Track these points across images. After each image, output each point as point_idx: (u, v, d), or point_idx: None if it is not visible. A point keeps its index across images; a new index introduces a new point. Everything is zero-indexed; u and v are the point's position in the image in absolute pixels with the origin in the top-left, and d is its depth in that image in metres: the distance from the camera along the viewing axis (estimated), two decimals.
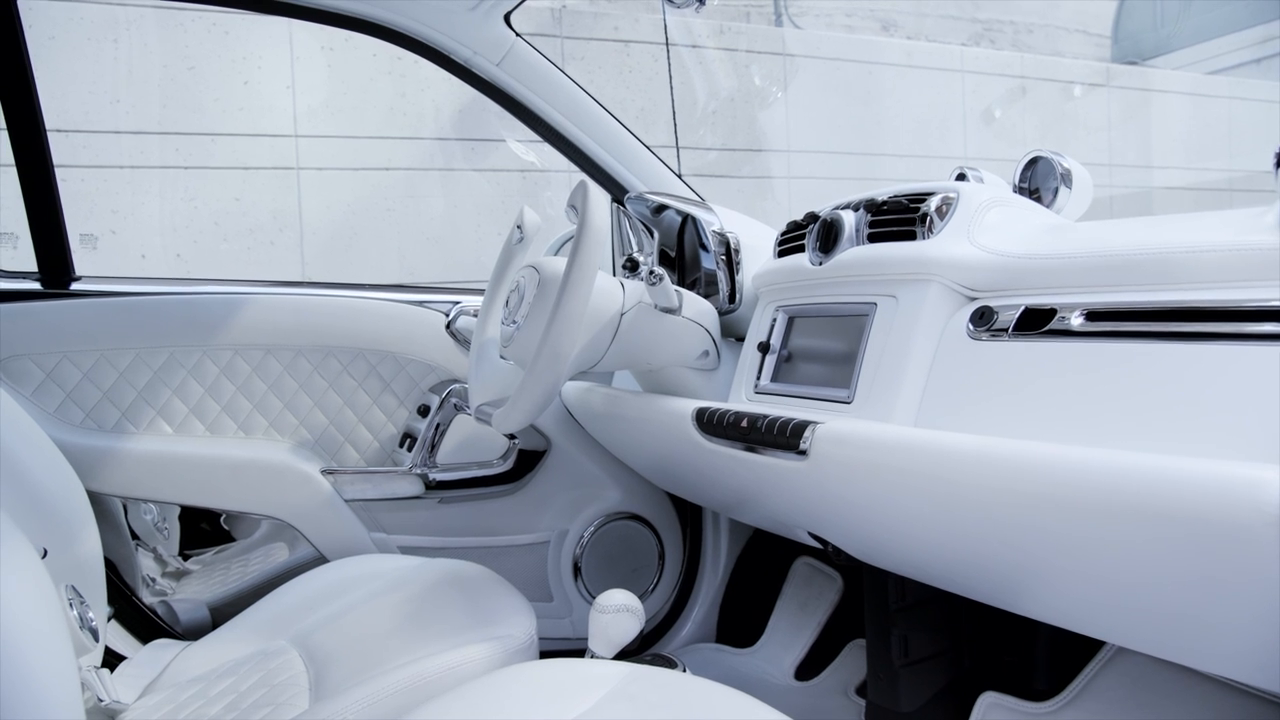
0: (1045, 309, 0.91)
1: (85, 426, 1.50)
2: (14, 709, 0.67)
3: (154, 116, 3.87)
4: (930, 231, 1.05)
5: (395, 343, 1.65)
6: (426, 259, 4.29)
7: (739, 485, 1.26)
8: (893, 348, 1.03)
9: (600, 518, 1.75)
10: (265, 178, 4.07)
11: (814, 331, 1.18)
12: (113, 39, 3.78)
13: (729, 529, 1.82)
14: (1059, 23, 6.39)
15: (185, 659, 1.26)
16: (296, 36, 4.06)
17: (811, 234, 1.19)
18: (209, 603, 1.63)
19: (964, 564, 0.97)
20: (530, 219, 1.35)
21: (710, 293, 1.40)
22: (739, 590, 1.83)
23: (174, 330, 1.54)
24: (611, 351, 1.25)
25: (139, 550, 1.69)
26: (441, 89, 4.29)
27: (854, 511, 1.03)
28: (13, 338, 1.46)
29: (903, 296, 1.04)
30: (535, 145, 4.40)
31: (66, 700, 0.75)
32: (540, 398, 1.12)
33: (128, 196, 3.80)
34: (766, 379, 1.22)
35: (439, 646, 1.06)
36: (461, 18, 1.50)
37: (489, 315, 1.38)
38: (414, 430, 1.67)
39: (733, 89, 4.98)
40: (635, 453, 1.56)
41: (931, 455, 0.85)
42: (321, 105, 4.13)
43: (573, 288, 1.08)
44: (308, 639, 1.17)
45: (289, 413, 1.61)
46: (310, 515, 1.58)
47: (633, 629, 1.07)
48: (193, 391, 1.56)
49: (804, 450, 1.00)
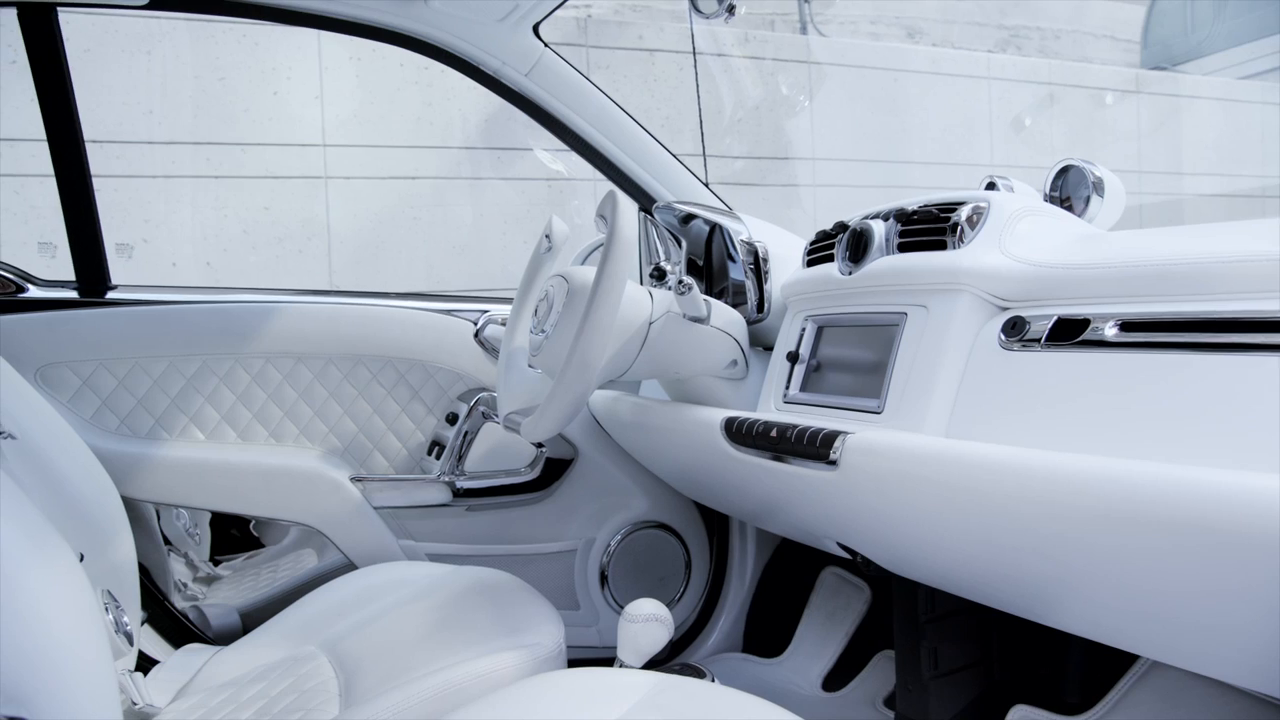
0: (1078, 319, 0.90)
1: (120, 433, 1.53)
2: (57, 710, 0.68)
3: (186, 127, 3.92)
4: (961, 241, 1.05)
5: (424, 351, 1.67)
6: (453, 268, 4.32)
7: (767, 495, 1.26)
8: (923, 358, 1.02)
9: (627, 526, 1.75)
10: (294, 187, 4.11)
11: (843, 341, 1.18)
12: (146, 51, 3.83)
13: (756, 538, 1.81)
14: (1087, 29, 6.34)
15: (217, 664, 1.28)
16: (325, 47, 4.10)
17: (841, 243, 1.19)
18: (240, 608, 1.65)
19: (996, 575, 0.96)
20: (558, 228, 1.36)
21: (738, 302, 1.40)
22: (766, 600, 1.82)
23: (207, 338, 1.56)
24: (640, 360, 1.26)
25: (171, 555, 1.71)
26: (467, 98, 4.32)
27: (884, 522, 1.03)
28: (51, 346, 1.48)
29: (933, 306, 1.04)
30: (562, 154, 4.42)
31: (106, 702, 0.76)
32: (569, 406, 1.12)
33: (160, 206, 3.85)
34: (795, 388, 1.22)
35: (468, 654, 1.07)
36: (490, 28, 1.51)
37: (517, 324, 1.38)
38: (442, 438, 1.68)
39: (758, 97, 4.97)
40: (663, 462, 1.56)
41: (965, 466, 0.85)
42: (349, 115, 4.17)
43: (602, 297, 1.08)
44: (337, 645, 1.18)
45: (319, 420, 1.63)
46: (340, 522, 1.59)
47: (662, 638, 1.07)
48: (225, 399, 1.58)
49: (834, 460, 1.00)
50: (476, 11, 1.46)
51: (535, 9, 1.46)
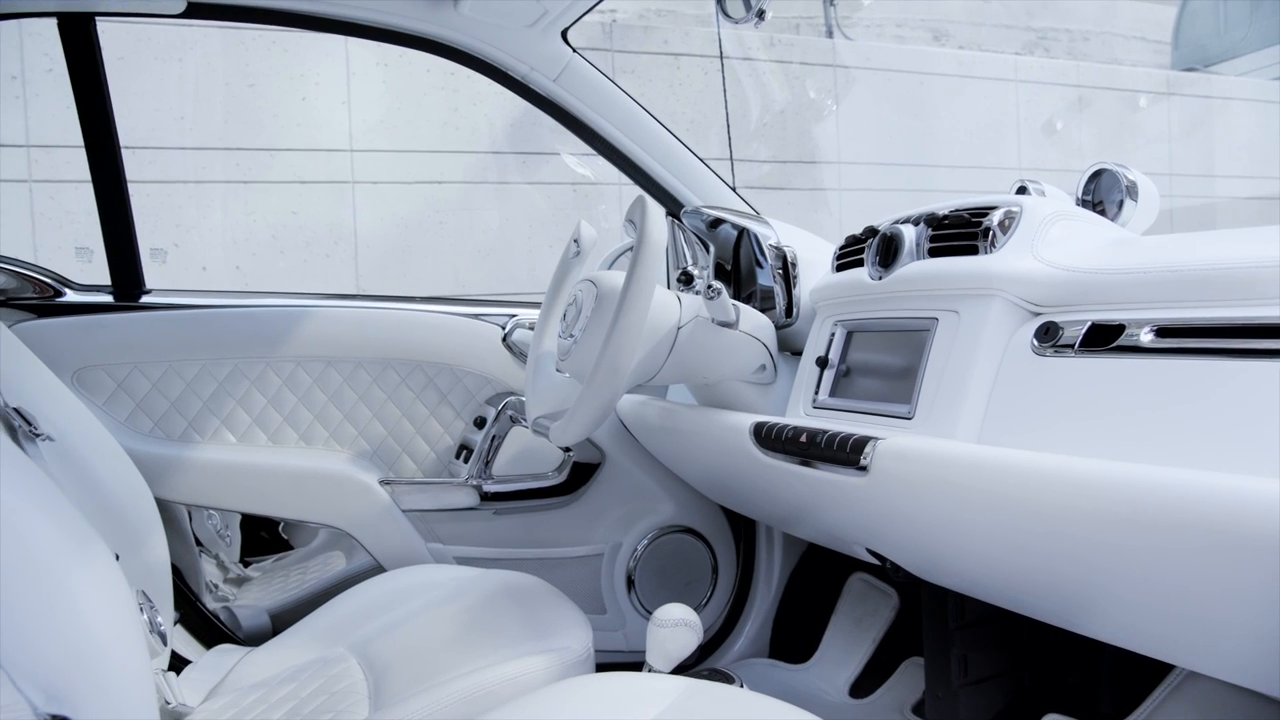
0: (1113, 325, 0.89)
1: (154, 435, 1.54)
2: (98, 709, 0.69)
3: (216, 133, 3.97)
4: (993, 246, 1.04)
5: (452, 355, 1.68)
6: (479, 272, 4.34)
7: (796, 500, 1.25)
8: (955, 363, 1.02)
9: (654, 531, 1.75)
10: (321, 191, 4.15)
11: (873, 346, 1.18)
12: (178, 58, 3.88)
13: (783, 543, 1.81)
14: (1117, 30, 6.27)
15: (247, 664, 1.29)
16: (353, 53, 4.14)
17: (870, 248, 1.19)
18: (269, 609, 1.66)
19: (1029, 583, 0.95)
20: (587, 233, 1.36)
21: (766, 307, 1.40)
22: (792, 605, 1.81)
23: (239, 342, 1.58)
24: (668, 365, 1.26)
25: (202, 557, 1.73)
26: (493, 103, 4.34)
27: (915, 528, 1.02)
28: (87, 349, 1.51)
29: (965, 311, 1.03)
30: (588, 159, 4.43)
31: (144, 702, 0.77)
32: (598, 411, 1.13)
33: (190, 210, 3.90)
34: (825, 394, 1.22)
35: (497, 657, 1.07)
36: (519, 34, 1.52)
37: (545, 328, 1.39)
38: (470, 442, 1.69)
39: (784, 101, 4.96)
40: (690, 466, 1.56)
41: (998, 472, 0.84)
42: (376, 120, 4.20)
43: (631, 302, 1.08)
44: (366, 647, 1.19)
45: (349, 423, 1.64)
46: (369, 525, 1.60)
47: (691, 644, 1.07)
48: (256, 402, 1.59)
49: (864, 466, 0.99)
50: (506, 17, 1.47)
51: (564, 15, 1.47)
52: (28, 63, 3.62)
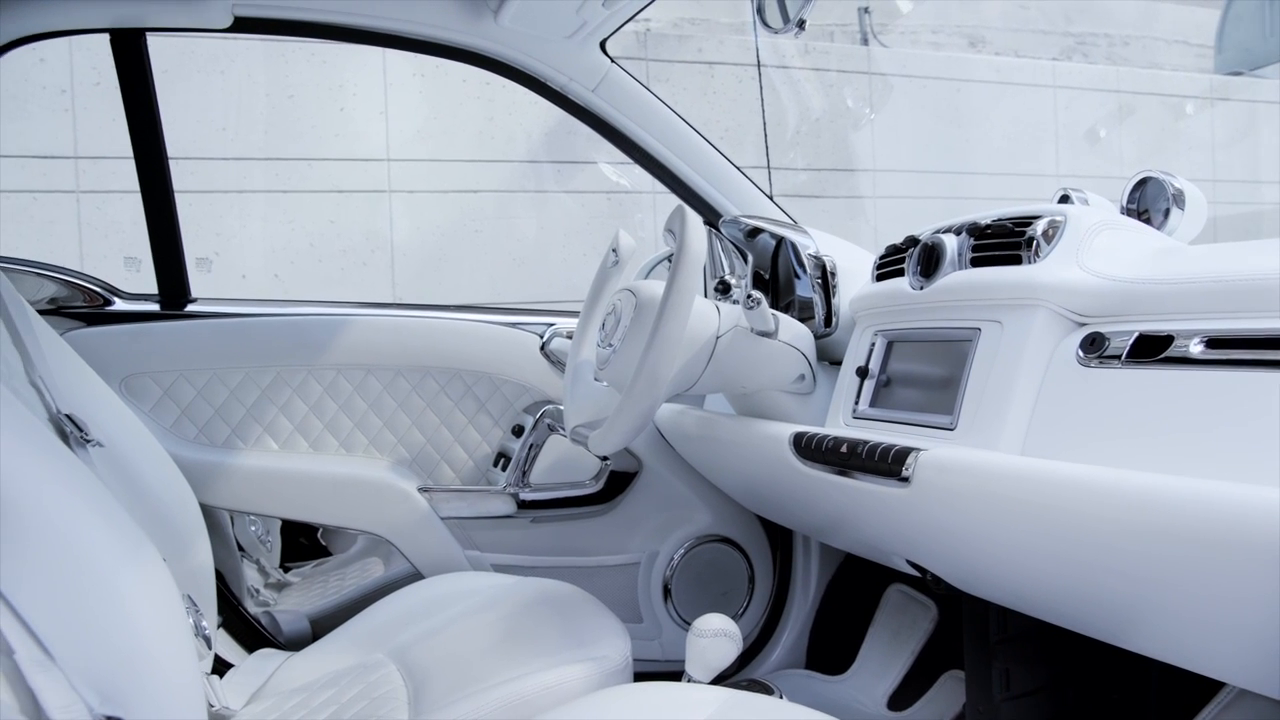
0: (1161, 336, 0.88)
1: (198, 442, 1.57)
2: (150, 711, 0.70)
3: (256, 143, 4.03)
4: (1037, 256, 1.03)
5: (491, 364, 1.69)
6: (514, 280, 4.37)
7: (835, 510, 1.25)
8: (998, 374, 1.01)
9: (690, 540, 1.75)
10: (358, 200, 4.20)
11: (914, 356, 1.17)
12: (220, 71, 3.95)
13: (820, 553, 1.80)
14: (1158, 34, 6.18)
15: (288, 669, 1.30)
16: (390, 64, 4.19)
17: (911, 258, 1.18)
18: (310, 615, 1.68)
19: (1075, 597, 0.94)
20: (625, 242, 1.37)
21: (805, 316, 1.40)
22: (830, 616, 1.80)
23: (281, 350, 1.60)
24: (707, 374, 1.26)
25: (244, 561, 1.76)
26: (528, 112, 4.37)
27: (957, 540, 1.01)
28: (134, 356, 1.53)
29: (1008, 322, 1.02)
30: (623, 167, 4.45)
31: (194, 705, 0.78)
32: (637, 420, 1.13)
33: (230, 220, 3.96)
34: (865, 404, 1.21)
35: (536, 665, 1.07)
36: (559, 45, 1.53)
37: (584, 337, 1.40)
38: (508, 450, 1.70)
39: (819, 109, 4.95)
40: (728, 475, 1.56)
41: (1044, 485, 0.83)
42: (413, 130, 4.25)
43: (671, 311, 1.09)
44: (406, 653, 1.20)
45: (388, 431, 1.66)
46: (407, 532, 1.62)
47: (730, 654, 1.07)
48: (297, 409, 1.61)
49: (906, 477, 0.99)
50: (545, 29, 1.48)
51: (603, 26, 1.48)
52: (76, 76, 3.71)
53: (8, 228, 3.63)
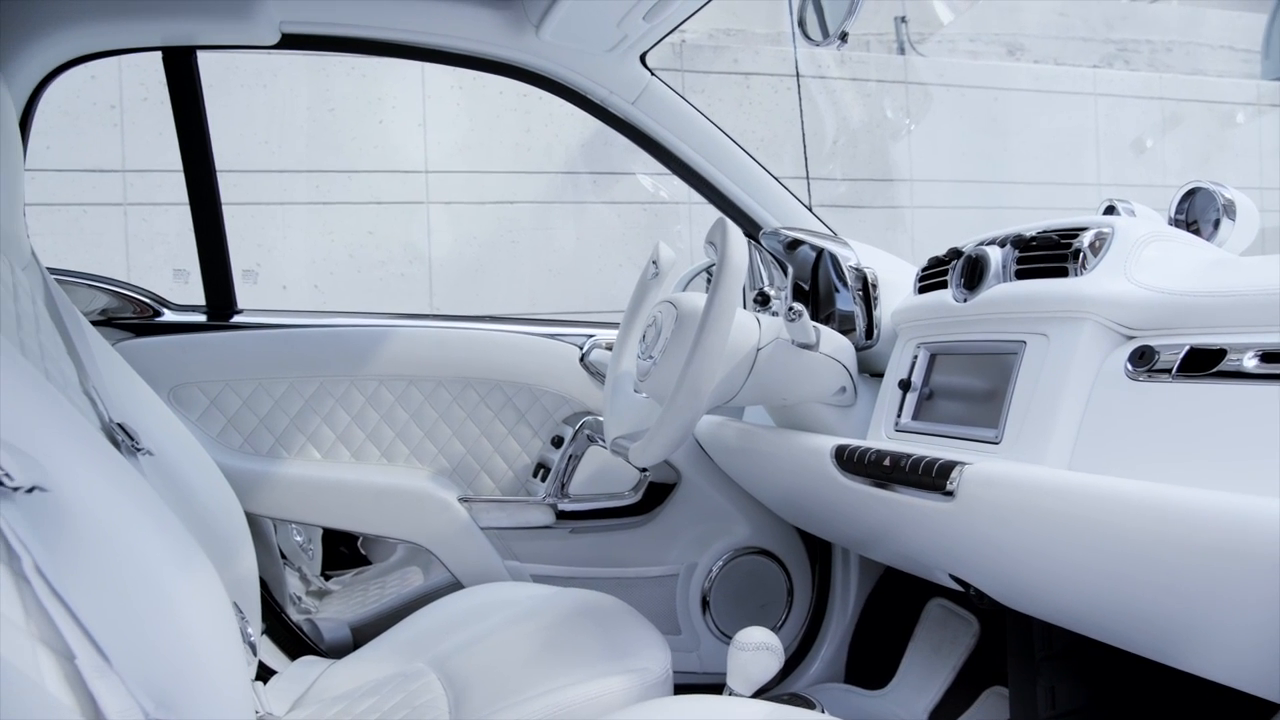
0: (1213, 349, 0.87)
1: (243, 451, 1.59)
2: (201, 714, 0.71)
3: (297, 156, 4.09)
4: (1084, 268, 1.02)
5: (531, 375, 1.70)
6: (552, 290, 4.39)
7: (877, 524, 1.24)
8: (1044, 387, 1.00)
9: (729, 552, 1.74)
10: (397, 212, 4.24)
11: (958, 369, 1.16)
12: (263, 85, 4.02)
13: (859, 566, 1.78)
14: (1202, 39, 6.08)
15: (330, 676, 1.31)
16: (428, 77, 4.24)
17: (955, 270, 1.17)
18: (351, 622, 1.69)
19: (1123, 614, 0.93)
20: (665, 255, 1.37)
21: (845, 328, 1.39)
22: (869, 629, 1.79)
23: (325, 361, 1.62)
24: (747, 387, 1.26)
25: (286, 569, 1.78)
26: (565, 124, 4.40)
27: (1003, 555, 1.00)
28: (182, 367, 1.56)
29: (1054, 335, 1.01)
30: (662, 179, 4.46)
31: (243, 710, 0.79)
32: (678, 432, 1.13)
33: (272, 231, 4.02)
34: (907, 417, 1.20)
35: (577, 676, 1.08)
36: (599, 59, 1.54)
37: (624, 349, 1.40)
38: (547, 461, 1.70)
39: (856, 119, 4.93)
40: (767, 488, 1.55)
41: (1092, 500, 0.82)
42: (451, 142, 4.29)
43: (712, 323, 1.09)
44: (446, 663, 1.20)
45: (429, 441, 1.67)
46: (447, 541, 1.63)
47: (772, 667, 1.06)
48: (340, 419, 1.63)
49: (951, 491, 0.98)
50: (586, 43, 1.49)
51: (644, 39, 1.49)
52: (125, 92, 3.79)
53: (60, 240, 3.71)
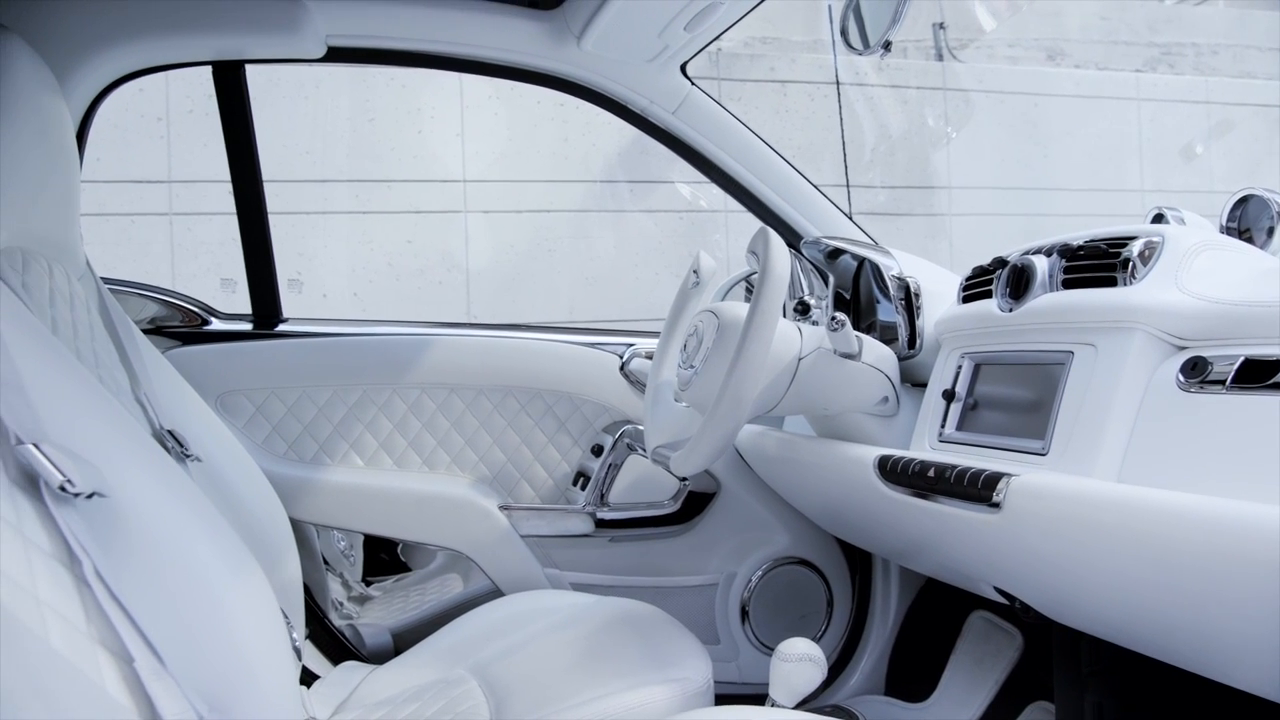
0: (1270, 360, 0.85)
1: (288, 458, 1.62)
2: (254, 715, 0.72)
3: (337, 166, 4.15)
4: (1133, 277, 1.01)
5: (571, 383, 1.70)
6: (589, 299, 4.41)
7: (919, 535, 1.23)
8: (1093, 399, 0.98)
9: (768, 562, 1.73)
10: (435, 221, 4.28)
11: (1003, 379, 1.15)
12: (304, 96, 4.09)
13: (900, 577, 1.77)
14: (1249, 41, 5.96)
15: (372, 682, 1.33)
16: (467, 87, 4.28)
17: (1000, 279, 1.16)
18: (392, 628, 1.71)
19: (1177, 630, 0.91)
20: (706, 264, 1.37)
21: (887, 338, 1.38)
22: (910, 641, 1.77)
23: (368, 369, 1.64)
24: (788, 396, 1.25)
25: (328, 575, 1.80)
26: (602, 133, 4.42)
27: (1050, 568, 0.99)
28: (229, 374, 1.59)
29: (1103, 345, 1.00)
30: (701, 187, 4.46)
31: (291, 713, 0.80)
32: (720, 442, 1.13)
33: (312, 240, 4.09)
34: (951, 427, 1.19)
35: (617, 686, 1.08)
36: (639, 69, 1.55)
37: (664, 358, 1.40)
38: (587, 469, 1.71)
39: (894, 126, 4.90)
40: (808, 497, 1.55)
41: (1143, 513, 0.81)
42: (488, 151, 4.33)
43: (755, 333, 1.09)
44: (487, 670, 1.21)
45: (470, 449, 1.68)
46: (488, 549, 1.64)
47: (815, 679, 1.06)
48: (382, 427, 1.65)
49: (997, 503, 0.97)
50: (627, 53, 1.50)
51: (684, 49, 1.49)
52: (172, 105, 3.87)
53: (109, 249, 3.80)
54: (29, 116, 0.96)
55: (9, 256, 0.98)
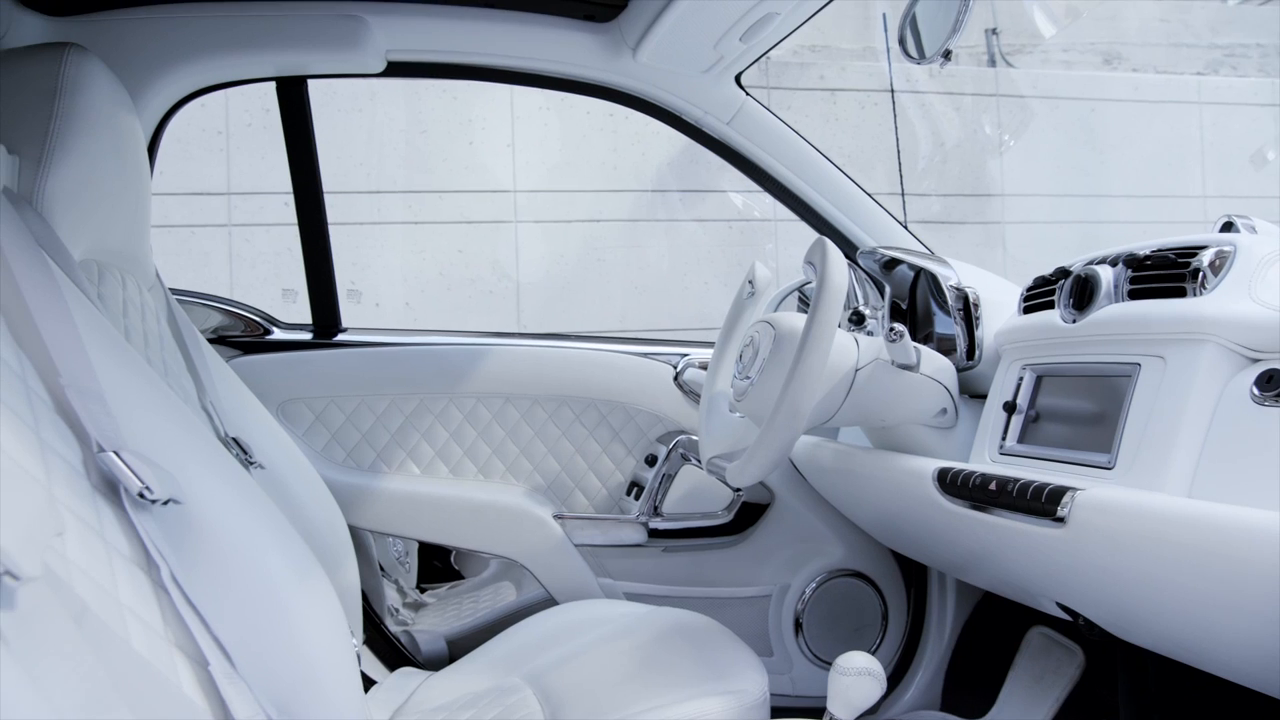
0: None
1: (346, 465, 1.64)
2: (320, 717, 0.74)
3: (390, 177, 4.22)
4: (1204, 288, 0.98)
5: (625, 393, 1.71)
6: (640, 309, 4.41)
7: (979, 548, 1.21)
8: (1162, 412, 0.96)
9: (823, 574, 1.72)
10: (486, 231, 4.33)
11: (1066, 392, 1.13)
12: (359, 109, 4.16)
13: (956, 591, 1.74)
14: None
15: (428, 688, 1.34)
16: (517, 99, 4.32)
17: (1063, 290, 1.14)
18: (446, 635, 1.73)
19: (1248, 650, 0.88)
20: (761, 274, 1.37)
21: (945, 349, 1.37)
22: (966, 656, 1.74)
23: (425, 378, 1.66)
24: (845, 408, 1.24)
25: (384, 581, 1.82)
26: (651, 142, 4.43)
27: (1117, 585, 0.97)
28: (290, 383, 1.62)
29: (1172, 357, 0.98)
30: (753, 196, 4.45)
31: (356, 716, 0.82)
32: (777, 453, 1.12)
33: (366, 250, 4.15)
34: (1013, 440, 1.17)
35: (674, 696, 1.08)
36: (694, 80, 1.55)
37: (719, 369, 1.40)
38: (641, 479, 1.71)
39: (947, 134, 4.85)
40: (864, 509, 1.53)
41: (1216, 529, 0.79)
42: (538, 161, 4.36)
43: (813, 344, 1.08)
44: (542, 678, 1.21)
45: (524, 458, 1.70)
46: (542, 558, 1.65)
47: (874, 693, 1.04)
48: (439, 435, 1.67)
49: (1061, 517, 0.95)
50: (682, 64, 1.50)
51: (739, 60, 1.49)
52: (232, 119, 3.97)
53: (171, 259, 3.90)
54: (106, 134, 0.99)
55: (85, 269, 1.01)
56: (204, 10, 1.37)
